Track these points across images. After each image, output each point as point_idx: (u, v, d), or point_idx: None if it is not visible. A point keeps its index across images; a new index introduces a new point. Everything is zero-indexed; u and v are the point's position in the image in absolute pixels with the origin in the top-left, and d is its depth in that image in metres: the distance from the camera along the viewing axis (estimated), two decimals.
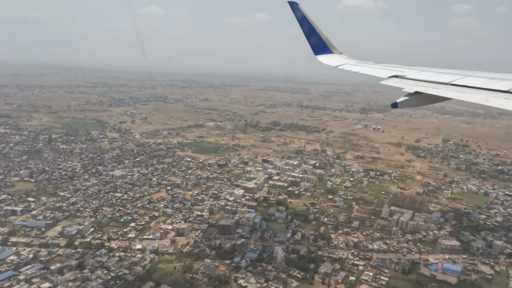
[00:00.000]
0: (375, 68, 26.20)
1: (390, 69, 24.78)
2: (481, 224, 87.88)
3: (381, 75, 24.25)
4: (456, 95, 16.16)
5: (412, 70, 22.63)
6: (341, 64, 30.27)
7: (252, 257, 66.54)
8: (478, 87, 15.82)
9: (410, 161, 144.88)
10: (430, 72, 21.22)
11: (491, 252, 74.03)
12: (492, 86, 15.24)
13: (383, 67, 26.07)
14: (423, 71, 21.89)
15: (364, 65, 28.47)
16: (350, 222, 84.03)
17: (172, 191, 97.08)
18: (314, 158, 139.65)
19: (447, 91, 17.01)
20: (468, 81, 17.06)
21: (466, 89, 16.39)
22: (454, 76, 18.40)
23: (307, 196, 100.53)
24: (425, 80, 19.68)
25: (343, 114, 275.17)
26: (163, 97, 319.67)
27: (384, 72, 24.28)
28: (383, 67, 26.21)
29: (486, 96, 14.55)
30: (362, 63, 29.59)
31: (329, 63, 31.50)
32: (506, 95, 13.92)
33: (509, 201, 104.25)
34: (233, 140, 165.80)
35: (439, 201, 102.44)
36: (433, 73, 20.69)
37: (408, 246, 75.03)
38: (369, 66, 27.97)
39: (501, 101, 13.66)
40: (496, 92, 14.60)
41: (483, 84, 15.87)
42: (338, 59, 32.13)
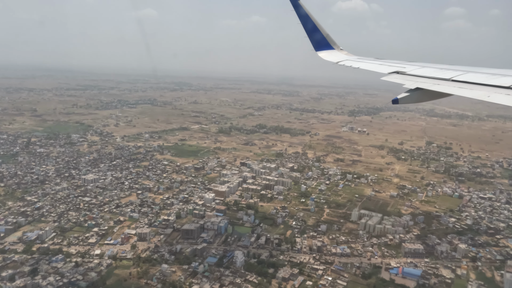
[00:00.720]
0: (376, 64, 26.18)
1: (391, 65, 24.78)
2: (450, 227, 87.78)
3: (382, 71, 24.20)
4: (457, 91, 16.19)
5: (413, 66, 22.63)
6: (341, 60, 30.30)
7: (211, 262, 65.98)
8: (480, 83, 15.77)
9: (390, 163, 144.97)
10: (431, 68, 21.26)
11: (455, 256, 73.95)
12: (493, 82, 15.19)
13: (384, 63, 26.01)
14: (424, 67, 21.88)
15: (364, 61, 28.43)
16: (318, 226, 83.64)
17: (143, 195, 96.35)
18: (293, 161, 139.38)
19: (448, 87, 17.08)
20: (469, 77, 17.02)
21: (467, 85, 16.33)
22: (455, 72, 18.43)
23: (280, 200, 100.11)
24: (426, 76, 19.71)
25: (331, 117, 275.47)
26: (152, 100, 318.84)
27: (385, 68, 24.20)
28: (384, 63, 26.16)
29: (487, 92, 14.47)
30: (363, 59, 29.54)
31: (330, 59, 31.50)
32: (507, 91, 13.90)
33: (482, 204, 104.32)
34: (215, 143, 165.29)
35: (412, 204, 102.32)
36: (434, 69, 20.69)
37: (372, 250, 74.74)
38: (370, 62, 27.90)
39: (502, 97, 13.54)
40: (498, 88, 14.55)
41: (484, 80, 15.82)
42: (339, 55, 32.14)
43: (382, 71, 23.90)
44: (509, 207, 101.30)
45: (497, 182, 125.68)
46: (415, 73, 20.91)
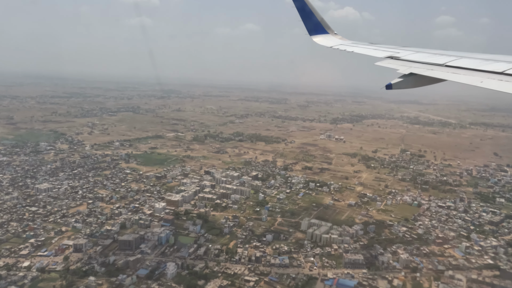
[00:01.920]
0: (370, 49, 25.94)
1: (385, 50, 24.47)
2: (399, 237, 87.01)
3: (376, 55, 23.87)
4: (450, 77, 16.12)
5: (407, 51, 22.34)
6: (336, 44, 29.93)
7: (142, 274, 64.63)
8: (473, 69, 15.72)
9: (358, 172, 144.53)
10: (425, 53, 20.99)
11: (395, 266, 73.06)
12: (486, 67, 15.12)
13: (378, 48, 25.76)
14: (418, 52, 21.59)
15: (359, 46, 28.07)
16: (264, 236, 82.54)
17: (94, 204, 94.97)
18: (259, 170, 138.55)
19: (441, 72, 17.01)
20: (463, 63, 16.95)
21: (461, 71, 16.26)
22: (449, 57, 18.38)
23: (234, 209, 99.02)
24: (420, 62, 19.42)
25: (312, 125, 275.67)
26: (135, 107, 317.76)
27: (379, 53, 23.88)
28: (378, 48, 25.94)
29: (480, 77, 14.44)
30: (357, 44, 29.09)
31: (324, 43, 31.13)
32: (500, 77, 13.93)
33: (439, 212, 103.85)
34: (186, 151, 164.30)
35: (368, 213, 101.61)
36: (428, 54, 20.41)
37: (313, 260, 73.72)
38: (364, 46, 27.55)
39: (495, 82, 13.52)
40: (491, 74, 14.55)
41: (477, 66, 15.74)
42: (333, 39, 31.77)
43: (376, 56, 23.69)
44: (464, 216, 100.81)
45: (461, 190, 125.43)
46: (409, 58, 20.78)
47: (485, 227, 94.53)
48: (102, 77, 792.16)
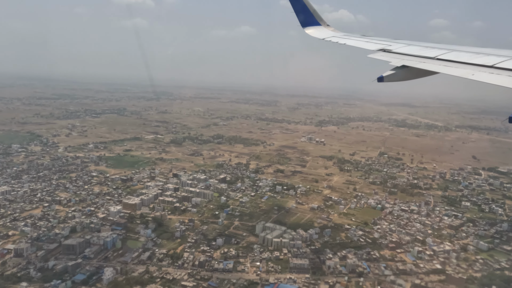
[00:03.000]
0: (362, 41, 25.86)
1: (377, 42, 24.37)
2: (354, 241, 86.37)
3: (368, 47, 23.70)
4: (442, 69, 16.26)
5: (398, 44, 22.31)
6: (328, 36, 29.75)
7: (78, 279, 63.72)
8: (464, 62, 15.85)
9: (329, 175, 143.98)
10: (416, 46, 20.91)
11: (342, 271, 72.38)
12: (477, 61, 15.28)
13: (370, 40, 25.64)
14: (410, 45, 21.53)
15: (351, 38, 27.90)
16: (215, 240, 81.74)
17: (49, 208, 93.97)
18: (229, 172, 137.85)
19: (433, 65, 17.14)
20: (454, 56, 17.14)
21: (452, 64, 16.43)
22: (440, 50, 18.52)
23: (193, 212, 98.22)
24: (412, 55, 19.43)
25: (297, 127, 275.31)
26: (121, 109, 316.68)
27: (371, 46, 23.76)
28: (370, 40, 25.84)
29: (471, 70, 14.64)
30: (349, 36, 28.93)
31: (316, 35, 30.98)
32: (491, 70, 14.18)
33: (401, 216, 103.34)
34: (160, 153, 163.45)
35: (329, 216, 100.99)
36: (420, 47, 20.40)
37: (259, 265, 72.95)
38: (356, 39, 27.46)
39: (486, 75, 13.75)
40: (481, 67, 14.75)
41: (468, 59, 15.92)
42: (326, 31, 31.52)
43: (368, 48, 23.52)
44: (425, 220, 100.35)
45: (429, 194, 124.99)
46: (401, 51, 20.73)
47: (444, 231, 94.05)
48: (96, 78, 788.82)
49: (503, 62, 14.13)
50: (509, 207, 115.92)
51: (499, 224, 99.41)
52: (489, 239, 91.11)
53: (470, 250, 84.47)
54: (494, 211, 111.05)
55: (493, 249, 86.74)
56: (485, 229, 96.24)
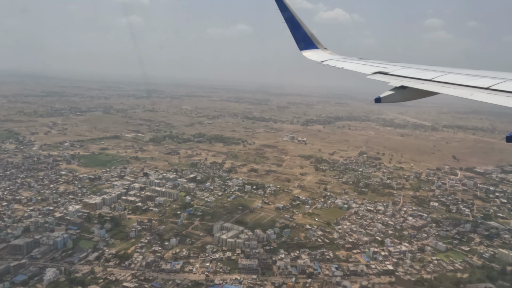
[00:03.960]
0: (359, 64, 26.39)
1: (374, 65, 24.98)
2: (312, 241, 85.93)
3: (365, 71, 24.08)
4: (441, 90, 16.63)
5: (395, 67, 22.74)
6: (325, 59, 30.23)
7: (18, 280, 62.95)
8: (460, 84, 16.20)
9: (303, 174, 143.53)
10: (412, 68, 21.43)
11: (291, 272, 71.91)
12: (472, 83, 15.70)
13: (367, 63, 26.25)
14: (406, 68, 21.98)
15: (348, 61, 28.45)
16: (169, 240, 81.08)
17: (8, 207, 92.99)
18: (202, 172, 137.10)
19: (433, 85, 17.51)
20: (449, 78, 17.50)
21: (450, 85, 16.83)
22: (436, 73, 18.93)
23: (154, 212, 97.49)
24: (408, 77, 19.72)
25: (282, 126, 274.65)
26: (108, 107, 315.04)
27: (368, 68, 24.18)
28: (367, 63, 26.42)
29: (469, 91, 15.11)
30: (347, 59, 29.61)
31: (314, 58, 31.42)
32: (488, 91, 14.61)
33: (366, 216, 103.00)
34: (136, 152, 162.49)
35: (293, 216, 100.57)
36: (416, 69, 20.88)
37: (208, 265, 72.36)
38: (353, 62, 27.98)
39: (484, 95, 14.29)
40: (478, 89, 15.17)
41: (464, 81, 16.30)
42: (323, 54, 32.00)
43: (365, 72, 23.93)
44: (388, 220, 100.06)
45: (400, 194, 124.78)
46: (397, 74, 21.10)
47: (405, 232, 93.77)
48: (90, 76, 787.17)
49: (498, 84, 14.53)
50: (477, 208, 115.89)
51: (462, 225, 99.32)
52: (450, 239, 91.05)
53: (427, 251, 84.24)
54: (461, 211, 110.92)
55: (451, 249, 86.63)
56: (447, 230, 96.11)
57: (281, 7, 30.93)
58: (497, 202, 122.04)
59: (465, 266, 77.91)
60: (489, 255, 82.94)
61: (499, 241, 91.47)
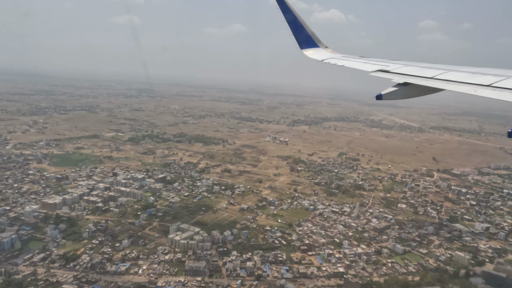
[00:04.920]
0: (360, 63, 26.37)
1: (375, 63, 24.94)
2: (268, 243, 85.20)
3: (366, 69, 23.99)
4: (446, 86, 16.46)
5: (396, 65, 22.71)
6: (326, 58, 30.09)
7: None
8: (462, 82, 16.07)
9: (277, 175, 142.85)
10: (413, 66, 21.34)
11: (240, 274, 71.19)
12: (474, 81, 15.62)
13: (368, 61, 26.15)
14: (407, 66, 21.85)
15: (349, 59, 28.46)
16: (121, 241, 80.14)
17: None
18: (174, 172, 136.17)
19: (436, 82, 17.37)
20: (451, 76, 17.36)
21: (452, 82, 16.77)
22: (437, 70, 18.76)
23: (114, 213, 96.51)
24: (409, 75, 19.49)
25: (267, 126, 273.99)
26: (94, 106, 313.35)
27: (369, 67, 24.15)
28: (368, 61, 26.33)
29: (473, 87, 15.11)
30: (348, 57, 29.61)
31: (314, 57, 31.34)
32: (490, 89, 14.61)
33: (330, 218, 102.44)
34: (112, 152, 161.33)
35: (256, 217, 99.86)
36: (417, 67, 20.80)
37: (156, 267, 71.57)
38: (354, 60, 28.01)
39: (488, 91, 14.26)
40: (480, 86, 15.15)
41: (465, 79, 16.18)
42: (324, 53, 31.85)
43: (366, 69, 23.86)
44: (351, 222, 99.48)
45: (370, 195, 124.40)
46: (398, 71, 21.09)
47: (366, 234, 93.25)
48: (85, 75, 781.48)
49: (500, 81, 14.57)
50: (446, 210, 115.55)
51: (425, 227, 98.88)
52: (410, 242, 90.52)
53: (384, 254, 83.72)
54: (428, 213, 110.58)
55: (410, 252, 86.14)
56: (409, 232, 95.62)
57: (284, 10, 30.98)
58: (467, 204, 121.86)
59: (418, 269, 77.41)
60: (446, 258, 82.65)
61: (459, 244, 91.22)
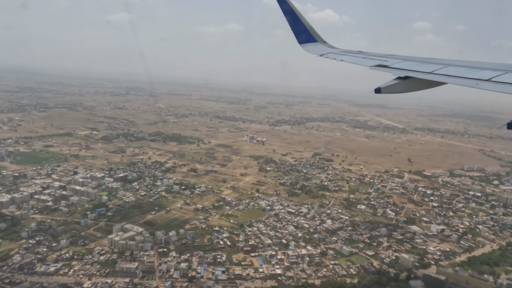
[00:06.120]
0: (358, 58, 26.49)
1: (373, 58, 24.96)
2: (213, 244, 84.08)
3: (365, 64, 23.90)
4: (447, 79, 16.41)
5: (395, 60, 22.80)
6: (325, 53, 29.97)
7: None
8: (461, 77, 15.97)
9: (243, 175, 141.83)
10: (412, 61, 21.42)
11: (172, 275, 70.01)
12: (473, 75, 15.57)
13: (366, 56, 26.27)
14: (406, 61, 21.92)
15: (348, 55, 28.33)
16: (59, 242, 78.78)
17: None
18: (137, 171, 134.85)
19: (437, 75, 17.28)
20: (450, 71, 17.25)
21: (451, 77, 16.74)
22: (436, 65, 18.66)
23: (63, 212, 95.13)
24: (408, 70, 19.39)
25: (249, 126, 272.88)
26: (77, 104, 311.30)
27: (368, 62, 24.14)
28: (366, 56, 26.52)
29: (475, 81, 15.12)
30: (346, 53, 29.46)
31: (314, 52, 31.08)
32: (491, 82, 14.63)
33: (284, 219, 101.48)
34: (80, 150, 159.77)
35: (208, 218, 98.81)
36: (416, 62, 20.88)
37: (88, 268, 70.28)
38: (353, 55, 27.95)
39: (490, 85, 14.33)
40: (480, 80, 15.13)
41: (464, 74, 16.13)
42: (323, 48, 31.77)
43: (365, 64, 23.76)
44: (304, 223, 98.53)
45: (333, 196, 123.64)
46: (397, 67, 21.07)
47: (316, 235, 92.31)
48: (77, 73, 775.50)
49: (498, 76, 14.71)
50: (406, 211, 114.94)
51: (378, 229, 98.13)
52: (360, 243, 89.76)
53: (329, 255, 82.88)
54: (386, 215, 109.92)
55: (356, 254, 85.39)
56: (361, 234, 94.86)
57: (282, 4, 30.92)
58: (429, 206, 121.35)
59: (359, 271, 76.57)
60: (391, 260, 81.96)
61: (409, 246, 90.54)
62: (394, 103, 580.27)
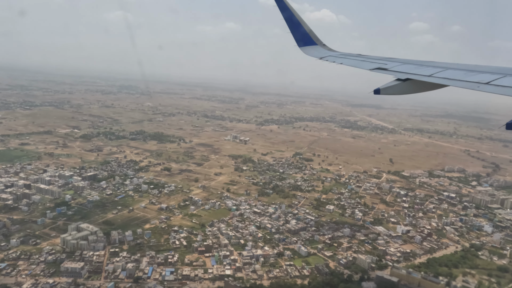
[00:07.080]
0: (358, 60, 26.79)
1: (373, 61, 25.10)
2: (168, 244, 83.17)
3: (364, 67, 24.19)
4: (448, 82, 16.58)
5: (394, 63, 23.06)
6: (324, 56, 30.31)
7: None
8: (460, 80, 16.14)
9: (218, 174, 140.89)
10: (411, 64, 21.68)
11: (118, 275, 69.15)
12: (472, 79, 15.77)
13: (366, 59, 26.48)
14: (405, 64, 22.19)
15: (347, 57, 28.79)
16: (9, 241, 77.82)
17: None
18: (109, 170, 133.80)
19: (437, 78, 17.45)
20: (449, 74, 17.41)
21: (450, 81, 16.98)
22: (434, 69, 18.85)
23: (22, 211, 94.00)
24: (407, 73, 19.55)
25: (236, 125, 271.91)
26: (64, 102, 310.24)
27: (367, 65, 24.34)
28: (366, 59, 26.73)
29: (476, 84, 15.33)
30: (346, 55, 29.74)
31: (313, 55, 31.42)
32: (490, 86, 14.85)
33: (248, 219, 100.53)
34: (57, 148, 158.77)
35: (171, 217, 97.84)
36: (415, 65, 21.07)
37: (33, 268, 69.35)
38: (352, 58, 28.33)
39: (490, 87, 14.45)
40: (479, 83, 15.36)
41: (463, 77, 16.30)
42: (322, 51, 32.04)
43: (364, 68, 23.83)
44: (267, 223, 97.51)
45: (305, 196, 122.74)
46: (396, 70, 21.22)
47: (277, 235, 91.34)
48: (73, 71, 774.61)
49: (497, 80, 14.76)
50: (376, 212, 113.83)
51: (341, 229, 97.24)
52: (320, 244, 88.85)
53: (285, 256, 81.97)
54: (354, 215, 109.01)
55: (315, 254, 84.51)
56: (323, 234, 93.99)
57: (281, 7, 31.04)
58: (400, 206, 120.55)
59: (312, 272, 75.71)
60: (347, 261, 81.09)
61: (369, 247, 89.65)
62: (388, 104, 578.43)
